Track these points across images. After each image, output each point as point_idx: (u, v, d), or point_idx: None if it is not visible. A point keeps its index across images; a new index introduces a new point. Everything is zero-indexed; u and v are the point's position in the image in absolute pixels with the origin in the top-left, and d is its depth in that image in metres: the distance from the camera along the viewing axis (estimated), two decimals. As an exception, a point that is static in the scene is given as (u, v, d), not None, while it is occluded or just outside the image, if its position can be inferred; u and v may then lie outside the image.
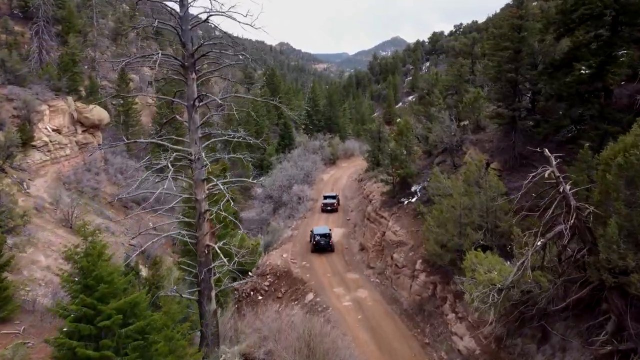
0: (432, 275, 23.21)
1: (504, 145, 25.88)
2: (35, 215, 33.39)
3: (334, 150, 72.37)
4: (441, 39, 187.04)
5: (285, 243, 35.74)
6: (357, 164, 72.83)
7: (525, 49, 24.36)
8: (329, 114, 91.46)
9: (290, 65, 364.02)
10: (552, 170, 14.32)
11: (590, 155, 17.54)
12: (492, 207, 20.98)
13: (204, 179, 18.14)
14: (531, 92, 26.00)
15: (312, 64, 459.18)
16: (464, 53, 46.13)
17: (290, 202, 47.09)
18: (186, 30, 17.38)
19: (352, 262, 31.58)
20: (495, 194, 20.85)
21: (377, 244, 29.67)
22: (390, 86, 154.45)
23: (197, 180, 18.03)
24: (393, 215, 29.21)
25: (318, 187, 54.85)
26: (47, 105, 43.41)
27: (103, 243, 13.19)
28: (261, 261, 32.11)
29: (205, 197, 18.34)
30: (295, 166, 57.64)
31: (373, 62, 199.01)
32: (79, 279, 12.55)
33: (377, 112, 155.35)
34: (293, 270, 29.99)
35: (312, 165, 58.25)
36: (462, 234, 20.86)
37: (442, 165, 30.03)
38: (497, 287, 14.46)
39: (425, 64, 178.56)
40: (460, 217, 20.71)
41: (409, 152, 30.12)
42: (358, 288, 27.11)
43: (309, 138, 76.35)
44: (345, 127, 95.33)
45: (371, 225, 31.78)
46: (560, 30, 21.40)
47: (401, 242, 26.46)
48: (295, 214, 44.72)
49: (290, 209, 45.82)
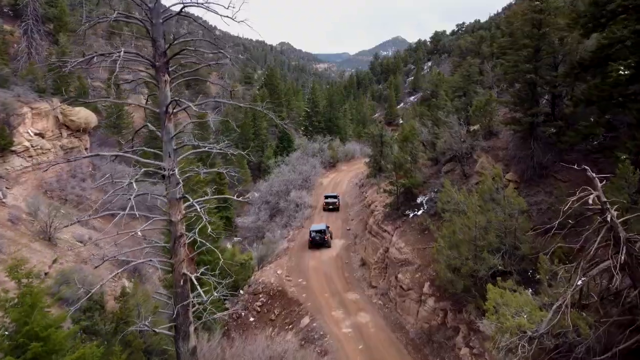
0: (442, 301, 20.66)
1: (521, 154, 23.29)
2: (9, 227, 30.93)
3: (334, 154, 69.80)
4: (443, 39, 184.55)
5: (280, 257, 33.20)
6: (358, 167, 70.29)
7: (544, 47, 21.79)
8: (329, 115, 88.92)
9: (290, 65, 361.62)
10: (597, 194, 11.70)
11: (631, 171, 15.00)
12: (511, 226, 18.45)
13: (179, 198, 15.64)
14: (551, 95, 23.41)
15: (312, 64, 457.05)
16: (471, 52, 43.53)
17: (287, 209, 44.56)
18: (157, 25, 14.88)
19: (352, 279, 29.03)
20: (515, 211, 18.31)
21: (380, 260, 27.12)
22: (392, 86, 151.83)
23: (171, 199, 15.53)
24: (397, 230, 26.66)
25: (317, 193, 52.28)
26: (30, 108, 40.94)
27: (40, 288, 10.62)
28: (254, 278, 29.56)
29: (182, 218, 15.83)
30: (294, 170, 55.10)
31: (374, 62, 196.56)
32: (9, 334, 10.00)
33: (379, 112, 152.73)
34: (288, 289, 27.43)
35: (310, 169, 55.65)
36: (477, 257, 18.30)
37: (451, 175, 27.48)
38: (528, 336, 11.89)
39: (427, 64, 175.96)
40: (475, 239, 18.15)
41: (415, 160, 27.57)
42: (359, 311, 24.54)
43: (309, 140, 73.79)
44: (346, 128, 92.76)
45: (373, 240, 29.24)
46: (589, 25, 18.80)
47: (406, 261, 23.90)
48: (293, 222, 42.19)
49: (287, 217, 43.30)
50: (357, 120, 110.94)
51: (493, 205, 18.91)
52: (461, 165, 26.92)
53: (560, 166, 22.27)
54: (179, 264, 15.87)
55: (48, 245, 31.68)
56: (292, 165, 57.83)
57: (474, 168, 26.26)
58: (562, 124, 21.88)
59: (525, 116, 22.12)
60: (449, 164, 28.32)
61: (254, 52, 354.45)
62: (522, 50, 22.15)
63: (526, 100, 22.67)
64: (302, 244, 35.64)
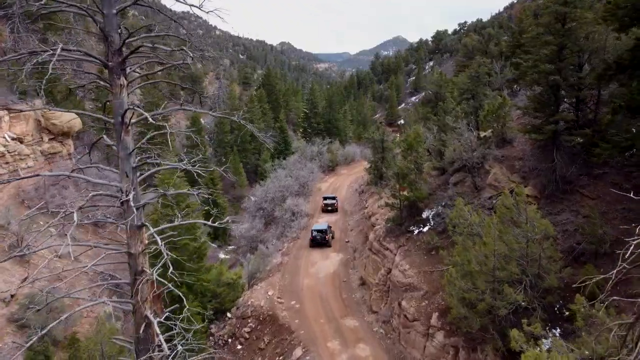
0: (453, 337, 17.98)
1: (541, 165, 20.61)
2: (-24, 242, 28.33)
3: (333, 157, 67.14)
4: (445, 38, 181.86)
5: (273, 273, 30.54)
6: (358, 171, 67.56)
7: (569, 44, 19.09)
8: (329, 117, 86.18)
9: (291, 65, 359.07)
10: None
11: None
12: (535, 253, 15.77)
13: (140, 226, 13.02)
14: (575, 100, 20.71)
15: (313, 64, 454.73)
16: (478, 51, 40.83)
17: (282, 218, 41.88)
18: (110, 16, 12.20)
19: (350, 301, 26.34)
20: (540, 235, 15.63)
21: (381, 282, 24.43)
22: (393, 86, 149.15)
23: (130, 228, 12.90)
24: (400, 249, 23.97)
25: (315, 200, 49.62)
26: (7, 110, 38.33)
27: None
28: (243, 299, 26.88)
29: (144, 250, 13.21)
30: (290, 175, 52.39)
31: (375, 61, 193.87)
32: None
33: (379, 113, 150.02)
34: (279, 313, 24.74)
35: (308, 174, 52.92)
36: (495, 290, 15.62)
37: (460, 187, 24.80)
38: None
39: (429, 64, 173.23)
40: (494, 269, 15.46)
41: (420, 170, 24.88)
42: (358, 342, 21.86)
43: (307, 143, 71.07)
44: (346, 130, 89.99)
45: (374, 257, 26.54)
46: (625, 19, 16.10)
47: (411, 286, 21.21)
48: (288, 232, 39.48)
49: (283, 227, 40.61)
50: (358, 122, 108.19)
51: (513, 228, 16.24)
52: (472, 177, 24.23)
53: (588, 180, 19.64)
54: (140, 304, 13.17)
55: (19, 262, 29.04)
56: (289, 169, 55.15)
57: (486, 180, 23.58)
58: (589, 132, 19.18)
59: (547, 123, 19.41)
60: (458, 174, 25.62)
61: (254, 51, 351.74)
62: (544, 48, 19.45)
63: (548, 104, 19.99)
64: (298, 257, 33.03)
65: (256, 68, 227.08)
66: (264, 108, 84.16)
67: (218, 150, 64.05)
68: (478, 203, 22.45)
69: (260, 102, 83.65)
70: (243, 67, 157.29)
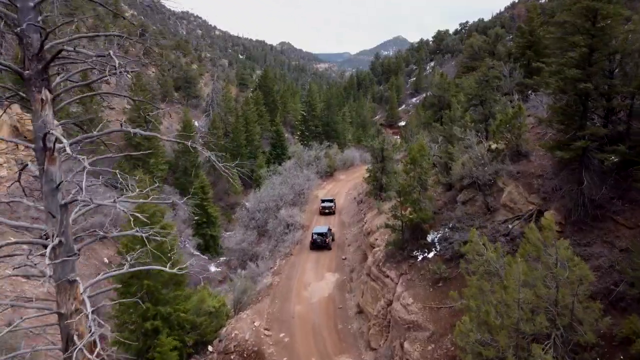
0: (466, 393, 15.11)
1: (566, 186, 17.81)
2: None
3: (331, 162, 64.35)
4: (446, 38, 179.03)
5: (262, 297, 27.77)
6: (358, 176, 64.67)
7: (601, 47, 16.28)
8: (327, 119, 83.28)
9: (290, 65, 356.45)
10: None
11: None
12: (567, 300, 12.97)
13: (72, 280, 10.20)
14: (604, 111, 17.90)
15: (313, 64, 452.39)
16: (485, 52, 38.03)
17: (275, 231, 39.11)
18: (25, 10, 9.31)
19: (346, 333, 23.55)
20: (575, 279, 12.82)
21: (381, 315, 21.62)
22: (393, 87, 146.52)
23: (60, 283, 10.08)
24: (402, 277, 21.16)
25: (311, 209, 46.88)
26: (-23, 117, 35.61)
27: None
28: (226, 329, 24.07)
29: (77, 309, 10.42)
30: (286, 182, 49.60)
31: (375, 62, 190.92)
32: None
33: (379, 114, 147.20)
34: (266, 350, 21.93)
35: (304, 182, 50.12)
36: (520, 347, 12.82)
37: (470, 206, 21.99)
38: None
39: (430, 64, 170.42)
40: (518, 322, 12.65)
41: (424, 188, 22.07)
42: (354, 388, 19.08)
43: (304, 147, 68.23)
44: (345, 133, 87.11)
45: (372, 284, 23.72)
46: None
47: (415, 325, 18.41)
48: (281, 246, 36.67)
49: (276, 240, 37.82)
50: (357, 124, 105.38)
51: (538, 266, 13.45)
52: (483, 195, 21.41)
53: (622, 205, 16.82)
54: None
55: (-20, 286, 26.23)
56: (285, 175, 52.36)
57: (499, 199, 20.78)
58: (624, 148, 16.34)
59: (575, 138, 16.59)
60: (467, 191, 22.78)
61: (253, 51, 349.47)
62: (570, 50, 16.65)
63: (574, 116, 17.18)
64: (290, 277, 30.28)
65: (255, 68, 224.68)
66: (260, 110, 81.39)
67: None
68: (492, 227, 19.66)
69: (256, 105, 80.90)
70: (241, 68, 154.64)
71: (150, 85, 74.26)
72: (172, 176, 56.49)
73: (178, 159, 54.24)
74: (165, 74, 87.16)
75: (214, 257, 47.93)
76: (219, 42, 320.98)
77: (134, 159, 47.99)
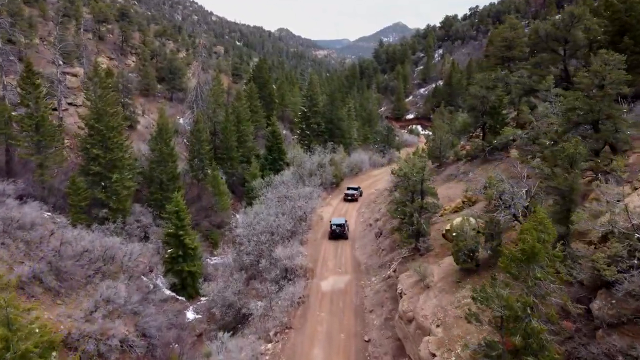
0: None
1: None
2: None
3: (337, 170, 54.30)
4: (455, 24, 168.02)
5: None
6: (368, 185, 54.72)
7: None
8: (330, 116, 72.92)
9: (289, 52, 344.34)
10: None
11: None
12: None
13: None
14: None
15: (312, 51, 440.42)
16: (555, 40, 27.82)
17: (265, 286, 28.95)
18: None
19: None
20: None
21: None
22: (400, 77, 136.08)
23: None
24: None
25: (315, 238, 37.22)
26: None
27: None
28: None
29: None
30: (283, 203, 39.73)
31: (379, 49, 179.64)
32: None
33: (385, 106, 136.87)
34: None
35: (306, 202, 40.22)
36: None
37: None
38: None
39: (438, 51, 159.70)
40: None
41: (545, 299, 12.02)
42: None
43: (305, 152, 58.12)
44: (350, 131, 76.76)
45: None
46: None
47: None
48: (275, 309, 26.30)
49: (269, 301, 27.36)
50: (362, 118, 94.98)
51: None
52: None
53: None
54: None
55: None
56: (282, 194, 42.42)
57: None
58: None
59: None
60: (613, 302, 12.73)
61: (251, 38, 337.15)
62: None
63: None
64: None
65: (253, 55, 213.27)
66: (254, 106, 71.07)
67: (194, 164, 51.10)
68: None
69: (250, 99, 70.56)
70: (237, 55, 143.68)
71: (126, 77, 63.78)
72: (147, 190, 46.32)
73: (152, 170, 44.06)
74: (147, 63, 76.51)
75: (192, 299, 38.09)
76: (215, 28, 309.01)
77: (92, 175, 37.91)
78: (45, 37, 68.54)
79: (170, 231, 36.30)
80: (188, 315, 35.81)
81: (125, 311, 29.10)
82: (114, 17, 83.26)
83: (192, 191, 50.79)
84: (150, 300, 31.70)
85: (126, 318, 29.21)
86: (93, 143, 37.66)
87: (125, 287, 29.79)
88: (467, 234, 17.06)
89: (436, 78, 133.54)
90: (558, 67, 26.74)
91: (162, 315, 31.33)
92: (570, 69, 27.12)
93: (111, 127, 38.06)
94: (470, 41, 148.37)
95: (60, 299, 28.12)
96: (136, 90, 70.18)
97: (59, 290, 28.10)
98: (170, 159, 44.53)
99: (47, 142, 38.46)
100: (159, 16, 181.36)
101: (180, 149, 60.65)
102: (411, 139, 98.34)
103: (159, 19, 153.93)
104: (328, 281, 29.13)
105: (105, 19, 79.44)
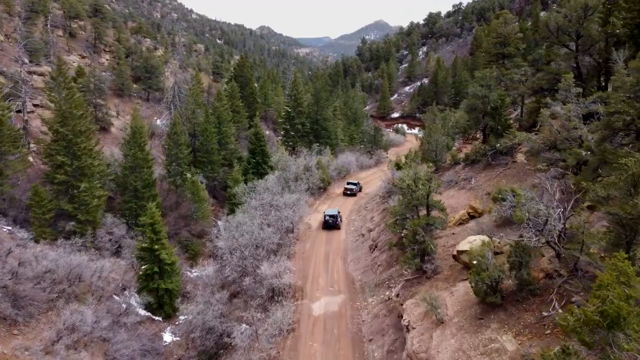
0: None
1: None
2: None
3: (324, 174, 51.44)
4: (439, 21, 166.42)
5: None
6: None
7: None
8: (315, 116, 70.01)
9: (271, 50, 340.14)
10: None
11: None
12: None
13: None
14: None
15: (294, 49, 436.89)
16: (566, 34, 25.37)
17: (249, 315, 25.88)
18: None
19: None
20: None
21: None
22: (385, 75, 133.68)
23: None
24: None
25: (303, 249, 34.33)
26: None
27: None
28: None
29: None
30: (267, 214, 36.67)
31: (362, 47, 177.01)
32: None
33: (370, 104, 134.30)
34: None
35: (293, 211, 37.23)
36: None
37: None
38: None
39: (422, 49, 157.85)
40: None
41: None
42: None
43: (290, 154, 55.08)
44: (337, 131, 73.95)
45: None
46: None
47: None
48: (261, 338, 23.39)
49: (255, 331, 24.26)
50: (348, 118, 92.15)
51: None
52: None
53: None
54: None
55: None
56: (267, 201, 39.35)
57: None
58: None
59: None
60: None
61: (232, 36, 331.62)
62: None
63: None
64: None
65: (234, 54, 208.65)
66: (236, 105, 67.71)
67: (171, 168, 47.60)
68: None
69: (231, 99, 67.18)
70: (214, 55, 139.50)
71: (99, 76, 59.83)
72: (120, 198, 42.70)
73: (126, 176, 40.49)
74: (121, 61, 72.43)
75: (170, 318, 34.74)
76: (196, 26, 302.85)
77: (57, 184, 34.36)
78: (10, 34, 64.15)
79: (145, 245, 32.89)
80: (165, 338, 32.52)
81: (93, 339, 25.97)
82: (86, 13, 78.87)
83: (169, 198, 47.36)
84: (122, 324, 28.53)
85: (94, 347, 26.10)
86: (58, 149, 34.05)
87: (92, 311, 26.66)
88: (489, 261, 14.35)
89: (421, 76, 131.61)
90: (570, 64, 24.30)
91: (136, 340, 28.14)
92: (582, 66, 24.71)
93: (78, 131, 34.47)
94: (455, 38, 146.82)
95: (17, 328, 24.88)
96: (110, 90, 66.19)
97: (15, 318, 24.84)
98: (145, 165, 41.02)
99: (6, 148, 34.61)
100: (137, 14, 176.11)
101: (157, 152, 57.05)
102: (397, 138, 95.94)
103: (136, 16, 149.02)
104: (320, 303, 26.23)
105: (77, 14, 75.09)
